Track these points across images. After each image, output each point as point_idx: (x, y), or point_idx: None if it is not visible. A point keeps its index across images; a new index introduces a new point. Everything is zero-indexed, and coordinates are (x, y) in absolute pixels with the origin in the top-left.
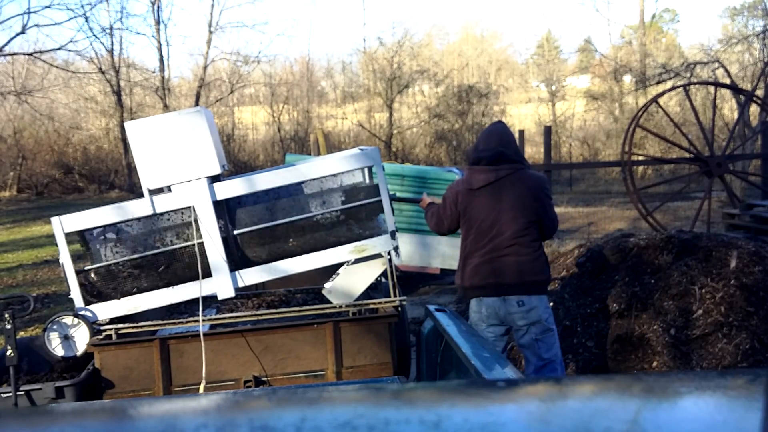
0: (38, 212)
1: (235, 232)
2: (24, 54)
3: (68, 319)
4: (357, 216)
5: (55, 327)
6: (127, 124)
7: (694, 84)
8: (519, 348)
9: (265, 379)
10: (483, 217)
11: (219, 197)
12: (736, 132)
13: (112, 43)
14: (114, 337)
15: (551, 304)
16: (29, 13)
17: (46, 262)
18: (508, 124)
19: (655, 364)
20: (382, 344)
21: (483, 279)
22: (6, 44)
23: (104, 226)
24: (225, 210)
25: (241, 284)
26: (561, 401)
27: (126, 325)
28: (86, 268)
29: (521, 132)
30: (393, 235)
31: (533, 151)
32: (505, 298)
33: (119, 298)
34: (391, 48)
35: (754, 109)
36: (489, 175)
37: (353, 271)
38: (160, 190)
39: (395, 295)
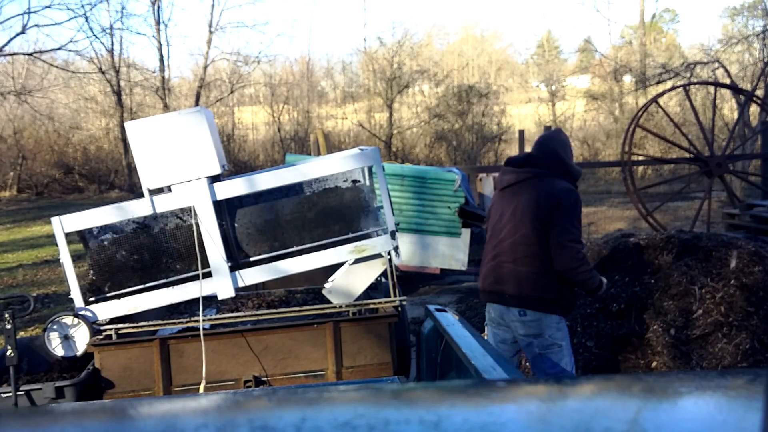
0: (38, 212)
1: (235, 232)
2: (24, 54)
3: (68, 319)
4: (357, 216)
5: (55, 327)
6: (127, 124)
7: (694, 84)
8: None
9: (265, 379)
10: (496, 219)
11: (219, 197)
12: (736, 132)
13: (112, 43)
14: (114, 337)
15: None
16: (29, 13)
17: (46, 262)
18: (508, 124)
19: (655, 364)
20: (382, 344)
21: (489, 285)
22: (6, 44)
23: (104, 226)
24: (225, 210)
25: (241, 284)
26: (561, 401)
27: (126, 325)
28: (86, 267)
29: (521, 132)
30: (393, 235)
31: None
32: (512, 311)
33: (119, 298)
34: (391, 48)
35: (754, 109)
36: (510, 177)
37: (353, 271)
38: (160, 190)
39: (395, 295)
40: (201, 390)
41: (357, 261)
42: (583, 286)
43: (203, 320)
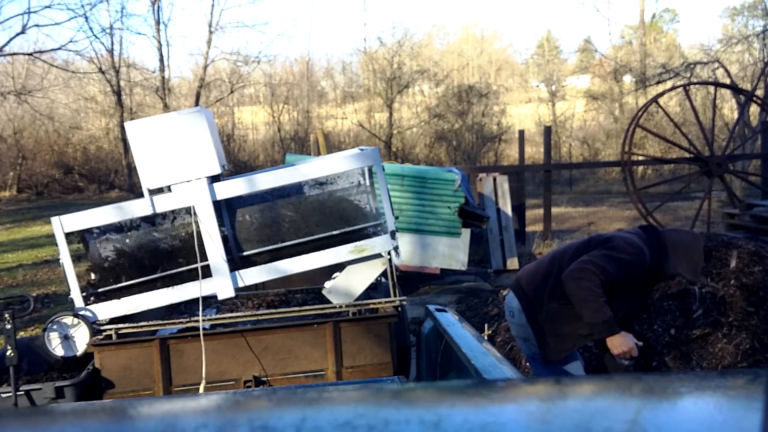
0: (38, 212)
1: (235, 232)
2: (24, 54)
3: (68, 319)
4: (357, 216)
5: (55, 327)
6: (127, 124)
7: (694, 84)
8: None
9: (265, 379)
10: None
11: (219, 197)
12: (736, 132)
13: (112, 43)
14: (114, 337)
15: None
16: (29, 13)
17: (46, 262)
18: (508, 124)
19: (655, 364)
20: (382, 344)
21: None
22: (6, 44)
23: (104, 226)
24: (225, 210)
25: (241, 284)
26: (561, 401)
27: (126, 325)
28: (86, 268)
29: (521, 132)
30: (393, 235)
31: (533, 151)
32: (510, 307)
33: (119, 298)
34: (391, 48)
35: (754, 109)
36: None
37: (353, 271)
38: (160, 190)
39: (395, 295)
40: (201, 390)
41: (357, 261)
42: (577, 305)
43: (203, 320)
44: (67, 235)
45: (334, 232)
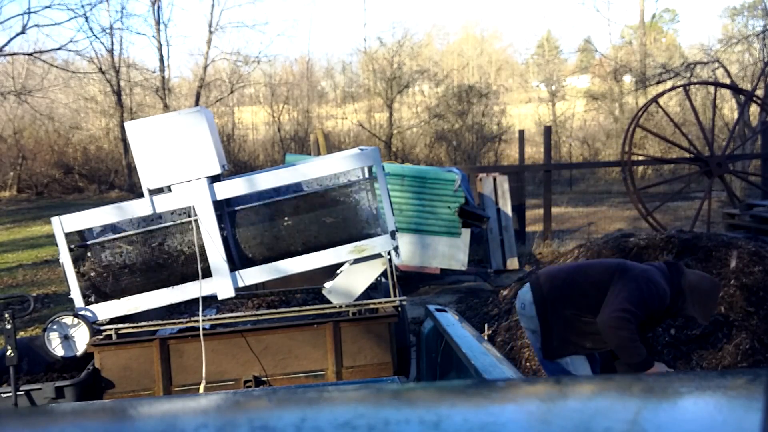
0: (38, 212)
1: (235, 231)
2: (24, 54)
3: (68, 319)
4: (357, 216)
5: (55, 327)
6: (127, 124)
7: (694, 84)
8: None
9: (265, 379)
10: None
11: (219, 197)
12: (736, 132)
13: (112, 43)
14: (114, 337)
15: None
16: (29, 13)
17: (46, 262)
18: (508, 124)
19: None
20: (382, 344)
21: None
22: (6, 44)
23: (104, 226)
24: (225, 210)
25: (241, 284)
26: (561, 401)
27: (126, 325)
28: (86, 268)
29: (521, 132)
30: (393, 235)
31: (533, 151)
32: (522, 299)
33: (119, 298)
34: (391, 48)
35: (754, 109)
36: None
37: (353, 271)
38: (160, 190)
39: (395, 295)
40: (201, 390)
41: (357, 261)
42: (617, 349)
43: (203, 320)
44: (67, 235)
45: (334, 232)
